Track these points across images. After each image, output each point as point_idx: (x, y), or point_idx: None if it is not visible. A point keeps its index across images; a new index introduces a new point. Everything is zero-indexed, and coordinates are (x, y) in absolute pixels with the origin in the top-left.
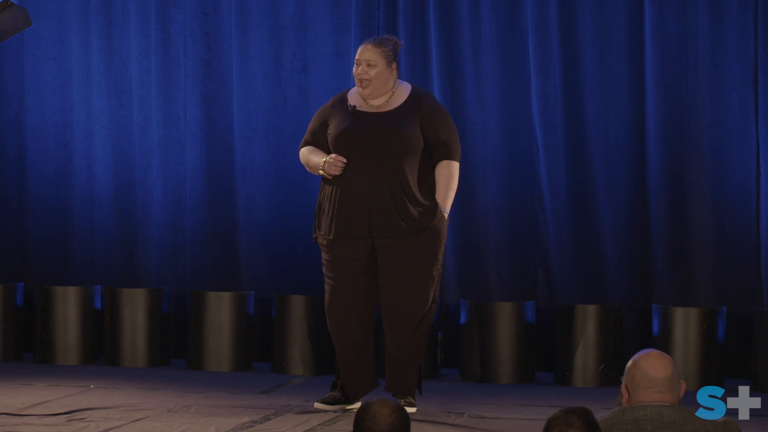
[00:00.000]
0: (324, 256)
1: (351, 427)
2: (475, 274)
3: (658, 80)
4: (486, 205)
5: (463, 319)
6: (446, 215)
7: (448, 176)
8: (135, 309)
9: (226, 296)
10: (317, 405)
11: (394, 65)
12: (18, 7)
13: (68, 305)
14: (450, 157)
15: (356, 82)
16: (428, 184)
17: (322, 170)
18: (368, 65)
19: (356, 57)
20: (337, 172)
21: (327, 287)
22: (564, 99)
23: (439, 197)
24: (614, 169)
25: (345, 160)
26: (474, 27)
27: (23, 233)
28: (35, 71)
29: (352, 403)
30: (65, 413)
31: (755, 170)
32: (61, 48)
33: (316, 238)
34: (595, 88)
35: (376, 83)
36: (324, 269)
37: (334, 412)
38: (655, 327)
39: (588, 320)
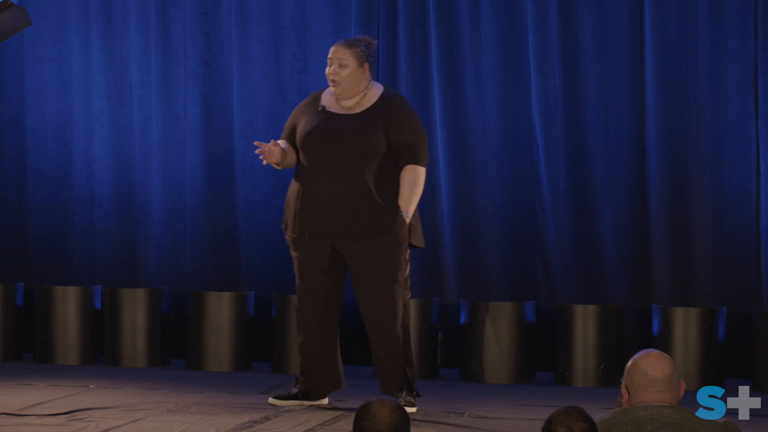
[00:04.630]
0: (291, 253)
1: (351, 427)
2: (475, 274)
3: (658, 80)
4: (486, 205)
5: (463, 319)
6: (408, 219)
7: (412, 180)
8: (135, 309)
9: (226, 296)
10: (271, 401)
11: (366, 66)
12: (18, 7)
13: (68, 305)
14: (416, 162)
15: (329, 82)
16: (390, 188)
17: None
18: (340, 65)
19: (329, 56)
20: (271, 159)
21: (297, 285)
22: (564, 99)
23: (401, 201)
24: (614, 169)
25: (275, 145)
26: (474, 27)
27: (23, 233)
28: (35, 71)
29: (313, 400)
30: (65, 413)
31: (755, 170)
32: (61, 48)
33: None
34: (595, 88)
35: (346, 84)
36: (294, 267)
37: (297, 407)
38: (655, 327)
39: (588, 320)
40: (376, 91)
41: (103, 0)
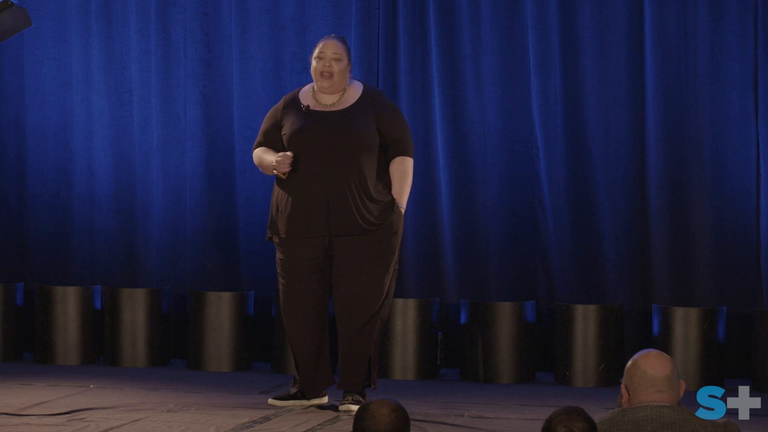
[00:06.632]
0: (279, 254)
1: (351, 427)
2: (475, 274)
3: (658, 80)
4: (486, 205)
5: (463, 319)
6: (403, 210)
7: (403, 172)
8: (135, 309)
9: (226, 296)
10: (270, 401)
11: (350, 65)
12: (18, 7)
13: (68, 305)
14: (404, 153)
15: (316, 76)
16: (384, 181)
17: (275, 169)
18: (334, 59)
19: (319, 51)
20: (286, 168)
21: (281, 286)
22: (564, 99)
23: (395, 193)
24: (614, 169)
25: (292, 156)
26: (474, 27)
27: (23, 233)
28: (35, 71)
29: (309, 399)
30: (65, 413)
31: (755, 170)
32: (61, 48)
33: (270, 237)
34: (595, 88)
35: (337, 78)
36: (278, 268)
37: (297, 407)
38: (655, 327)
39: (588, 320)
40: (357, 87)
41: (103, 0)
